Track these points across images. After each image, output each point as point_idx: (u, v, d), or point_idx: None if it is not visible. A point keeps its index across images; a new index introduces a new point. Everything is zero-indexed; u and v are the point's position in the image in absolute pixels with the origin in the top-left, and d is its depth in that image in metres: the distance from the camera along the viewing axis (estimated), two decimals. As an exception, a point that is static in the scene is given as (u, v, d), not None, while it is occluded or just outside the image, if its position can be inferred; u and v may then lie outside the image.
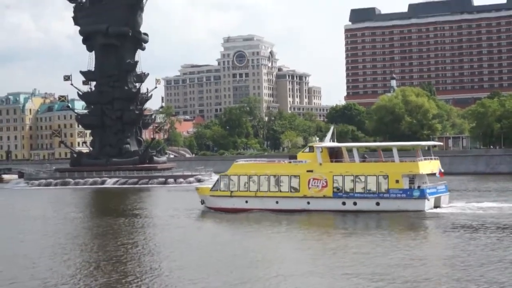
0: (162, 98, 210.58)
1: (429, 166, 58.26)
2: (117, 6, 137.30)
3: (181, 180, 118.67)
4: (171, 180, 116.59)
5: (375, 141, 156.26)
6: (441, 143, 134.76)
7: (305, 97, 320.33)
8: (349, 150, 63.27)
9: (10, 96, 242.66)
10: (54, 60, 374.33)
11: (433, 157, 61.01)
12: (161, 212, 66.12)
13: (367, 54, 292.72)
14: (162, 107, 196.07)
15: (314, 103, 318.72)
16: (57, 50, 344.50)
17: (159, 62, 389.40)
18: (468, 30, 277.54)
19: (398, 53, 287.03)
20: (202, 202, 64.13)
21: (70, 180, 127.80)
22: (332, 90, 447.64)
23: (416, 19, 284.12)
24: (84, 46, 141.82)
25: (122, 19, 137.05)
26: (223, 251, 39.60)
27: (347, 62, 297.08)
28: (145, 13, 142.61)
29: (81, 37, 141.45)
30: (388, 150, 66.98)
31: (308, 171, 58.36)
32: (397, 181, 55.14)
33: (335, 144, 64.11)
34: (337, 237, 45.87)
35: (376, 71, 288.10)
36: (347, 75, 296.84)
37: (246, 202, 60.11)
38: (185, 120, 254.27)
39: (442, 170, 60.55)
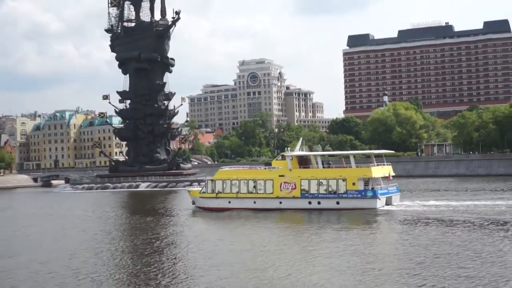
0: (187, 113, 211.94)
1: (381, 170, 59.63)
2: (147, 36, 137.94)
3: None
4: (195, 183, 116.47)
5: (370, 148, 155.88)
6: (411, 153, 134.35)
7: (310, 111, 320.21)
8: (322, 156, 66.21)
9: (57, 113, 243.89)
10: (94, 82, 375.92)
11: (385, 163, 62.48)
12: (181, 211, 66.62)
13: (362, 74, 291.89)
14: (187, 121, 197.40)
15: (318, 116, 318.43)
16: (97, 74, 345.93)
17: (184, 83, 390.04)
18: (449, 52, 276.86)
19: (389, 72, 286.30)
20: (193, 202, 66.68)
21: (109, 184, 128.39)
22: (333, 105, 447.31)
23: (405, 43, 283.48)
24: (120, 70, 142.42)
25: (152, 47, 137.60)
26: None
27: (345, 81, 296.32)
28: (172, 41, 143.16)
29: (117, 62, 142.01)
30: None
31: (280, 175, 60.34)
32: (353, 184, 56.74)
33: (303, 153, 65.50)
34: (304, 229, 49.41)
35: (370, 88, 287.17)
36: (346, 92, 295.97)
37: (229, 202, 62.20)
38: (207, 132, 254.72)
39: (393, 174, 61.85)
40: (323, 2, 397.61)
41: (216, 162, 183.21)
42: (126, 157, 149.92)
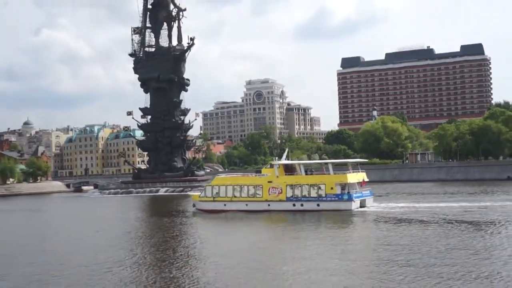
0: (201, 127, 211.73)
1: (356, 176, 60.12)
2: (166, 59, 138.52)
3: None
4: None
5: (361, 157, 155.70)
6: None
7: (308, 125, 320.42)
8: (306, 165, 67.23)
9: (87, 128, 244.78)
10: (119, 100, 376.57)
11: (360, 170, 63.36)
12: (190, 213, 66.71)
13: (354, 91, 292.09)
14: (200, 134, 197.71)
15: (315, 129, 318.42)
16: (122, 93, 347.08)
17: (198, 100, 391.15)
18: (430, 72, 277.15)
19: (378, 90, 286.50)
20: (194, 205, 66.57)
21: (132, 189, 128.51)
22: (328, 119, 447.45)
23: (391, 64, 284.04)
24: (142, 89, 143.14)
25: (170, 69, 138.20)
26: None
27: (339, 98, 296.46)
28: (187, 63, 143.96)
29: (140, 83, 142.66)
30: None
31: (268, 181, 60.85)
32: (331, 188, 57.25)
33: (288, 162, 66.55)
34: (290, 223, 52.45)
35: (361, 104, 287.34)
36: (340, 107, 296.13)
37: (224, 205, 62.55)
38: (218, 143, 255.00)
39: (367, 180, 62.34)
40: (319, 29, 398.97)
41: (226, 169, 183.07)
42: (147, 165, 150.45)
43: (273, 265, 30.87)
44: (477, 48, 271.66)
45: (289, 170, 62.45)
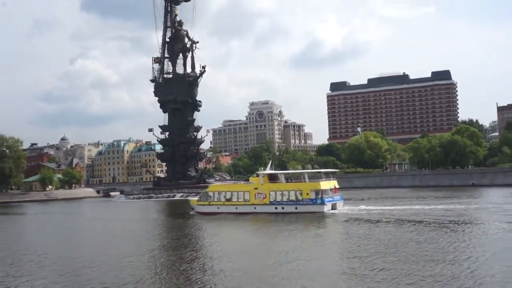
0: (211, 141, 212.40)
1: (328, 184, 60.64)
2: (181, 84, 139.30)
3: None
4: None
5: (348, 167, 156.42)
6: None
7: (302, 139, 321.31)
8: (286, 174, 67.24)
9: (114, 142, 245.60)
10: (142, 119, 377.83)
11: (331, 179, 63.33)
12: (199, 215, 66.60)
13: (341, 111, 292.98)
14: (210, 147, 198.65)
15: (308, 143, 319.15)
16: (144, 112, 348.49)
17: (208, 119, 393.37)
18: (406, 95, 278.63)
19: (361, 110, 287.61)
20: (192, 208, 67.23)
21: (153, 195, 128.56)
22: (319, 134, 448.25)
23: (373, 88, 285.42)
24: (161, 110, 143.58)
25: (185, 92, 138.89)
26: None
27: (329, 116, 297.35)
28: (199, 88, 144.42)
29: (159, 104, 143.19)
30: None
31: (255, 188, 61.70)
32: (307, 194, 58.09)
33: (271, 171, 67.18)
34: (272, 223, 53.25)
35: (347, 122, 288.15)
36: (329, 124, 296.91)
37: (218, 208, 63.08)
38: (225, 155, 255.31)
39: (338, 187, 62.98)
40: (311, 58, 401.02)
41: (232, 177, 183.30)
42: (166, 174, 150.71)
43: (260, 255, 33.33)
44: (445, 74, 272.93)
45: (272, 178, 63.17)
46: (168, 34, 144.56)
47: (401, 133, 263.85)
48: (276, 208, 59.16)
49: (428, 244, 33.25)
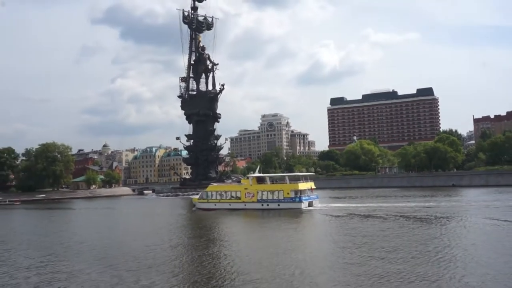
0: (228, 148, 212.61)
1: (306, 185, 61.55)
2: (204, 100, 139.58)
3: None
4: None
5: (345, 170, 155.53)
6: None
7: (306, 146, 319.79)
8: (271, 177, 68.38)
9: (147, 149, 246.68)
10: (170, 129, 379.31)
11: (309, 180, 64.09)
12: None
13: (340, 122, 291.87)
14: (228, 153, 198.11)
15: (311, 149, 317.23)
16: (172, 124, 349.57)
17: (226, 129, 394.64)
18: (395, 108, 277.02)
19: (357, 121, 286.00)
20: (193, 205, 67.97)
21: (179, 193, 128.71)
22: (321, 142, 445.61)
23: (367, 102, 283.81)
24: (187, 121, 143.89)
25: (207, 106, 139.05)
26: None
27: (329, 126, 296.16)
28: (219, 102, 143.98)
29: (185, 116, 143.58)
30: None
31: (245, 188, 62.69)
32: (288, 193, 59.05)
33: (260, 174, 68.43)
34: (258, 217, 54.54)
35: (345, 131, 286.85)
36: (329, 133, 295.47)
37: (215, 205, 63.56)
38: (241, 160, 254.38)
39: (314, 187, 63.77)
40: (314, 77, 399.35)
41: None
42: (191, 175, 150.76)
43: (251, 241, 36.30)
44: (429, 91, 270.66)
45: (260, 180, 64.07)
46: (193, 57, 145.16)
47: (391, 141, 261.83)
48: (262, 205, 60.11)
49: (375, 230, 36.72)
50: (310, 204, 59.74)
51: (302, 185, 60.53)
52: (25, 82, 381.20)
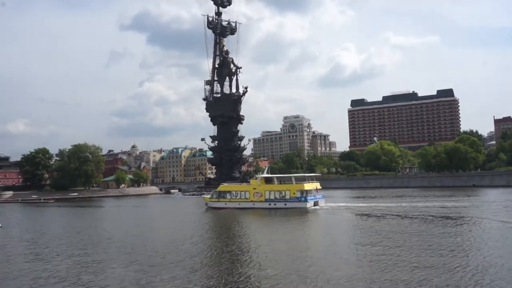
0: (252, 149, 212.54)
1: (312, 185, 61.88)
2: (228, 102, 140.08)
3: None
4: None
5: (366, 170, 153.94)
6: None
7: (327, 147, 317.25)
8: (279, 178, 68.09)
9: (174, 149, 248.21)
10: (196, 130, 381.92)
11: (314, 181, 64.37)
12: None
13: (360, 123, 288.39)
14: (251, 153, 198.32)
15: (332, 150, 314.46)
16: (197, 125, 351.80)
17: (250, 130, 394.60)
18: (415, 109, 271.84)
19: (377, 122, 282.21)
20: (206, 204, 68.45)
21: (204, 192, 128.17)
22: (342, 142, 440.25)
23: (386, 104, 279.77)
24: (211, 123, 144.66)
25: (231, 109, 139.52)
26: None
27: (350, 128, 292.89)
28: (242, 105, 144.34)
29: (210, 118, 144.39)
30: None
31: (253, 188, 63.40)
32: (294, 193, 59.52)
33: (267, 175, 68.35)
34: (266, 216, 55.36)
35: (365, 132, 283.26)
36: (350, 134, 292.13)
37: (225, 204, 64.17)
38: (264, 160, 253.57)
39: (319, 187, 63.98)
40: (335, 79, 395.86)
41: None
42: (215, 175, 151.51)
43: (262, 237, 37.32)
44: (449, 92, 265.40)
45: (267, 181, 64.70)
46: (217, 61, 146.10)
47: (411, 141, 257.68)
48: (270, 204, 60.74)
49: (371, 227, 38.63)
50: (315, 204, 60.12)
51: (308, 185, 61.08)
52: (59, 86, 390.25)
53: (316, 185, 63.18)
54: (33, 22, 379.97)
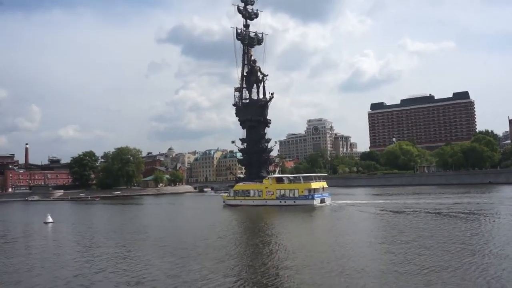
0: (278, 150, 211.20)
1: (319, 184, 62.45)
2: (255, 107, 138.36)
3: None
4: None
5: (385, 169, 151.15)
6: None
7: (349, 147, 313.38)
8: (288, 177, 68.68)
9: (206, 151, 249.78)
10: (227, 133, 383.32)
11: (322, 180, 65.31)
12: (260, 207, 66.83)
13: (380, 125, 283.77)
14: (278, 154, 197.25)
15: (353, 150, 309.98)
16: (228, 129, 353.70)
17: (276, 133, 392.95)
18: (432, 111, 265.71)
19: (396, 124, 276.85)
20: (224, 201, 69.75)
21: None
22: (363, 143, 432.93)
23: (405, 107, 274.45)
24: (240, 127, 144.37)
25: (258, 113, 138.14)
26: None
27: (370, 129, 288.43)
28: (269, 109, 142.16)
29: (239, 122, 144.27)
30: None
31: (266, 187, 64.07)
32: (302, 191, 60.25)
33: (279, 175, 70.38)
34: (278, 212, 54.54)
35: (384, 133, 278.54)
36: (370, 136, 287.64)
37: (241, 201, 65.13)
38: (289, 161, 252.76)
39: (326, 186, 64.18)
40: (355, 84, 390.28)
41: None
42: (245, 175, 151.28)
43: (277, 230, 37.06)
44: (465, 95, 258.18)
45: (279, 180, 65.47)
46: (246, 69, 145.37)
47: (428, 142, 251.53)
48: (280, 202, 61.34)
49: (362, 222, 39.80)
50: (322, 201, 60.54)
51: (315, 184, 61.71)
52: (104, 95, 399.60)
53: (323, 184, 63.78)
54: (82, 37, 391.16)
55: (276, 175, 69.62)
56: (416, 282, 17.96)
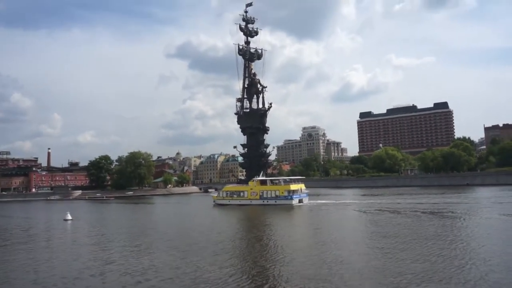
0: (276, 155, 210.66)
1: (297, 186, 63.80)
2: (255, 116, 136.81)
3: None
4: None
5: (373, 172, 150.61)
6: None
7: (340, 152, 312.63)
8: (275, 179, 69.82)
9: (211, 156, 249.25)
10: (229, 140, 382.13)
11: (300, 182, 67.06)
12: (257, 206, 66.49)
13: (368, 132, 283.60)
14: (275, 159, 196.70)
15: (344, 155, 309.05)
16: (230, 135, 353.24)
17: (274, 139, 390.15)
18: (415, 120, 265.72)
19: (382, 131, 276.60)
20: (214, 201, 70.11)
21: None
22: (352, 149, 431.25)
23: (390, 116, 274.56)
24: (242, 133, 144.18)
25: (258, 121, 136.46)
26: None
27: (359, 136, 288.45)
28: (268, 118, 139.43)
29: (240, 129, 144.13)
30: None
31: (251, 189, 65.48)
32: (282, 192, 61.45)
33: (263, 178, 70.08)
34: (261, 210, 53.54)
35: (372, 139, 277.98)
36: (359, 142, 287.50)
37: (228, 201, 65.87)
38: (286, 164, 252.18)
39: (304, 188, 66.00)
40: (345, 95, 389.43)
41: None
42: (245, 177, 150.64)
43: (258, 226, 37.25)
44: (444, 105, 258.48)
45: (262, 183, 66.47)
46: (246, 82, 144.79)
47: (412, 147, 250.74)
48: (263, 201, 62.18)
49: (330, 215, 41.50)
50: (300, 201, 61.43)
51: (294, 186, 62.83)
52: (119, 104, 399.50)
53: (301, 186, 65.04)
54: (100, 52, 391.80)
55: (260, 178, 69.70)
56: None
